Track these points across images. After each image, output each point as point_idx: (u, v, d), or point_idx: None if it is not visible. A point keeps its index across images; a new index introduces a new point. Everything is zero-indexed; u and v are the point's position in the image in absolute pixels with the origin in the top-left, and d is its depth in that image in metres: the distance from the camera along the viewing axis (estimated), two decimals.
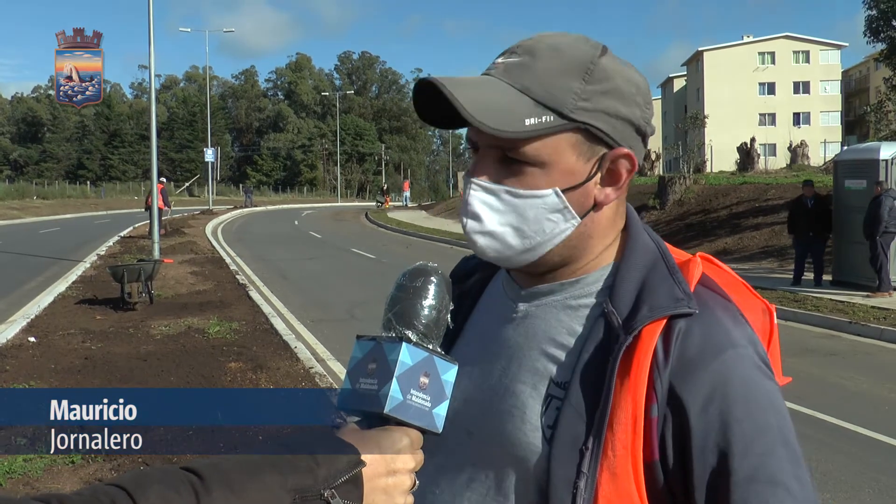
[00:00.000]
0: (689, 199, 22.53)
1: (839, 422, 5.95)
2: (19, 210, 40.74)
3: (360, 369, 0.86)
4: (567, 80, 0.88)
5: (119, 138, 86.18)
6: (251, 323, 9.86)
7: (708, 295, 0.92)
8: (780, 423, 0.85)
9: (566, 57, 0.90)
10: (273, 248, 22.24)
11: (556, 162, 0.90)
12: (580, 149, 0.90)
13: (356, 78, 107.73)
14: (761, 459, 0.83)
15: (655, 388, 0.85)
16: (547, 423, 0.90)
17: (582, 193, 0.91)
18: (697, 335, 0.87)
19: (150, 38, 16.93)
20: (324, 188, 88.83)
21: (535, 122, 0.87)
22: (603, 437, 0.85)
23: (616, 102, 0.90)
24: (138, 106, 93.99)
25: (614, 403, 0.86)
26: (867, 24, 21.38)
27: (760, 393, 0.86)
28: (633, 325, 0.87)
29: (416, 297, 0.87)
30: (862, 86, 68.78)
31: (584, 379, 0.89)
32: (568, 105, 0.88)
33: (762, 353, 0.90)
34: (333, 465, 0.77)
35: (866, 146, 13.55)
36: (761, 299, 1.00)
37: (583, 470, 0.85)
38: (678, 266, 0.94)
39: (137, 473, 0.72)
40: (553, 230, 0.92)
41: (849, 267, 12.52)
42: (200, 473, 0.73)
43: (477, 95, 0.87)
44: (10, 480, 4.63)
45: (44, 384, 6.83)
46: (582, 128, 0.89)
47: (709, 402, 0.84)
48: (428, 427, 0.84)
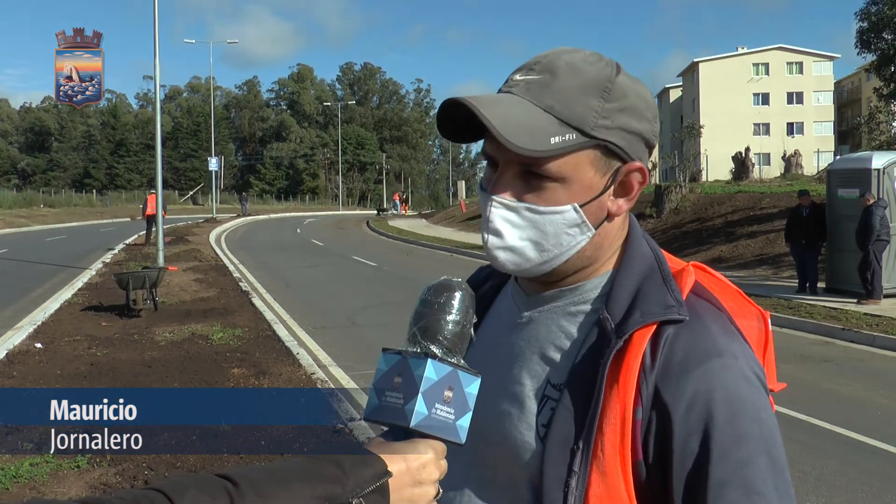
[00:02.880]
0: (684, 207, 22.61)
1: (833, 427, 6.00)
2: (26, 218, 40.75)
3: (385, 382, 0.87)
4: (588, 99, 0.91)
5: (124, 148, 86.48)
6: (254, 329, 9.90)
7: (699, 304, 0.94)
8: (763, 433, 0.86)
9: (586, 76, 0.92)
10: (276, 256, 22.28)
11: (576, 177, 0.92)
12: (598, 164, 0.93)
13: (358, 88, 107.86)
14: (738, 467, 0.84)
15: (641, 392, 0.87)
16: (542, 422, 0.93)
17: (597, 206, 0.94)
18: (685, 342, 0.88)
19: (155, 50, 17.10)
20: (326, 197, 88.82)
21: (559, 140, 0.90)
22: (593, 437, 0.87)
23: (631, 119, 0.93)
24: (143, 116, 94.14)
25: (604, 405, 0.88)
26: (858, 36, 21.52)
27: (744, 402, 0.86)
28: (624, 329, 0.90)
29: (441, 312, 0.88)
30: (854, 96, 68.98)
31: (577, 380, 0.91)
32: (589, 123, 0.91)
33: (752, 365, 0.90)
34: (360, 475, 0.79)
35: (859, 156, 13.65)
36: (755, 306, 1.02)
37: (574, 469, 0.88)
38: (673, 274, 0.96)
39: (175, 479, 0.75)
40: (570, 243, 0.94)
41: (842, 274, 12.61)
42: (234, 480, 0.75)
43: (505, 114, 0.89)
44: (16, 484, 4.65)
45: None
46: (601, 144, 0.92)
47: (691, 408, 0.86)
48: (451, 439, 0.86)
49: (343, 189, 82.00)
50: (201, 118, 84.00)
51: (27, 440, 1.10)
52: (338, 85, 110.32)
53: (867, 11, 21.11)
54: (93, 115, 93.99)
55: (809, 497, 4.67)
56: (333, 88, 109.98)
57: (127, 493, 0.72)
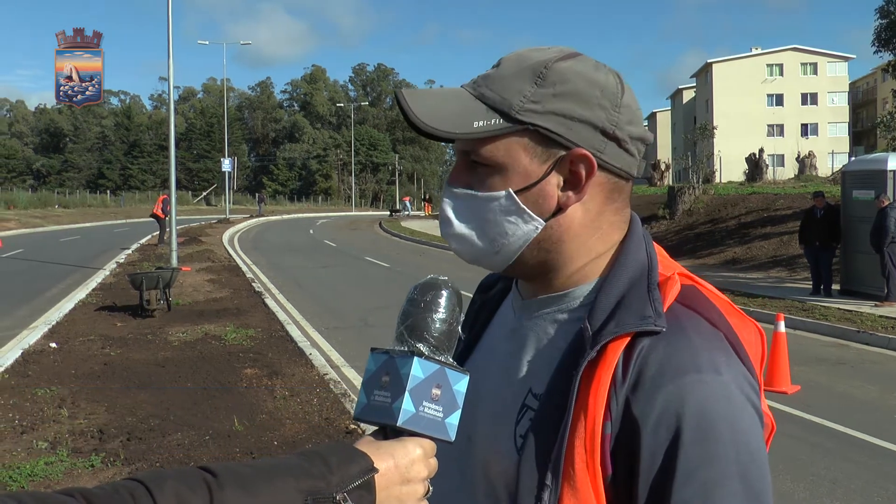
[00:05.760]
0: (698, 209, 22.54)
1: (847, 430, 5.96)
2: (41, 218, 41.07)
3: (374, 382, 0.88)
4: (518, 84, 0.90)
5: (138, 148, 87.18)
6: (267, 330, 9.96)
7: (686, 314, 0.89)
8: (739, 456, 0.81)
9: (525, 63, 0.91)
10: (288, 257, 22.37)
11: (510, 164, 0.91)
12: (533, 151, 0.91)
13: (371, 89, 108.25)
14: (704, 489, 0.79)
15: (611, 405, 0.84)
16: (520, 432, 0.91)
17: (538, 195, 0.91)
18: (660, 354, 0.84)
19: (169, 51, 17.19)
20: (338, 198, 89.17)
21: (482, 124, 0.89)
22: (563, 451, 0.85)
23: (572, 104, 0.89)
24: (157, 117, 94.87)
25: (574, 417, 0.85)
26: (876, 34, 21.36)
27: (719, 422, 0.81)
28: (597, 339, 0.86)
29: (428, 311, 0.88)
30: (869, 97, 68.66)
31: (554, 391, 0.89)
32: (514, 107, 0.89)
33: (740, 381, 0.85)
34: (346, 471, 0.79)
35: (874, 157, 13.52)
36: (749, 318, 0.97)
37: (546, 483, 0.85)
38: (659, 283, 0.92)
39: (154, 471, 0.75)
40: (515, 231, 0.92)
41: (857, 276, 12.54)
42: (215, 472, 0.75)
43: (434, 104, 0.91)
44: (31, 483, 4.74)
45: (64, 389, 6.98)
46: (531, 129, 0.90)
47: (659, 424, 0.82)
48: (440, 436, 0.86)
49: (356, 190, 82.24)
50: (214, 119, 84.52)
51: (42, 440, 1.11)
52: (350, 86, 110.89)
53: (887, 10, 20.94)
54: (107, 116, 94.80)
55: (824, 501, 4.65)
56: (346, 89, 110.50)
57: (108, 485, 0.71)
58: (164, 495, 0.71)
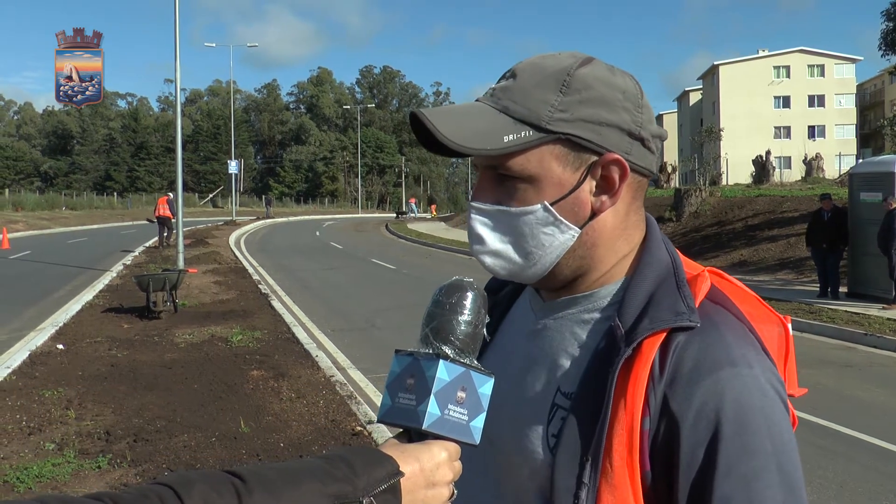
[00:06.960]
0: (705, 211, 22.51)
1: (855, 433, 5.95)
2: (48, 220, 41.24)
3: (398, 384, 0.87)
4: (543, 94, 0.90)
5: (145, 150, 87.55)
6: (273, 332, 9.96)
7: (715, 310, 0.91)
8: (775, 448, 0.83)
9: (544, 72, 0.92)
10: (295, 259, 22.42)
11: (544, 175, 0.91)
12: (566, 159, 0.91)
13: (377, 91, 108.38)
14: (745, 482, 0.81)
15: (650, 401, 0.85)
16: (552, 432, 0.91)
17: (573, 203, 0.92)
18: (696, 350, 0.86)
19: (175, 54, 17.25)
20: (345, 200, 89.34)
21: (513, 137, 0.89)
22: (602, 448, 0.85)
23: (598, 110, 0.90)
24: (164, 119, 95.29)
25: (612, 415, 0.86)
26: (883, 37, 21.26)
27: (756, 415, 0.83)
28: (633, 337, 0.87)
29: (453, 313, 0.88)
30: (877, 99, 68.50)
31: (587, 390, 0.89)
32: (544, 118, 0.89)
33: (769, 376, 0.87)
34: (372, 474, 0.79)
35: (881, 159, 13.46)
36: (775, 312, 0.99)
37: (584, 481, 0.86)
38: (688, 280, 0.93)
39: (182, 474, 0.75)
40: (552, 243, 0.92)
41: (864, 279, 12.48)
42: (242, 476, 0.75)
43: (459, 121, 0.90)
44: (38, 484, 4.75)
45: (71, 390, 7.00)
46: (563, 138, 0.90)
47: (699, 418, 0.83)
48: (465, 440, 0.86)
49: (362, 192, 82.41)
50: (221, 121, 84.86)
51: (49, 441, 1.12)
52: (357, 88, 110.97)
53: (893, 12, 20.84)
54: (114, 118, 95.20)
55: (831, 503, 4.63)
56: (353, 91, 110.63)
57: (135, 488, 0.71)
58: (192, 499, 0.71)
